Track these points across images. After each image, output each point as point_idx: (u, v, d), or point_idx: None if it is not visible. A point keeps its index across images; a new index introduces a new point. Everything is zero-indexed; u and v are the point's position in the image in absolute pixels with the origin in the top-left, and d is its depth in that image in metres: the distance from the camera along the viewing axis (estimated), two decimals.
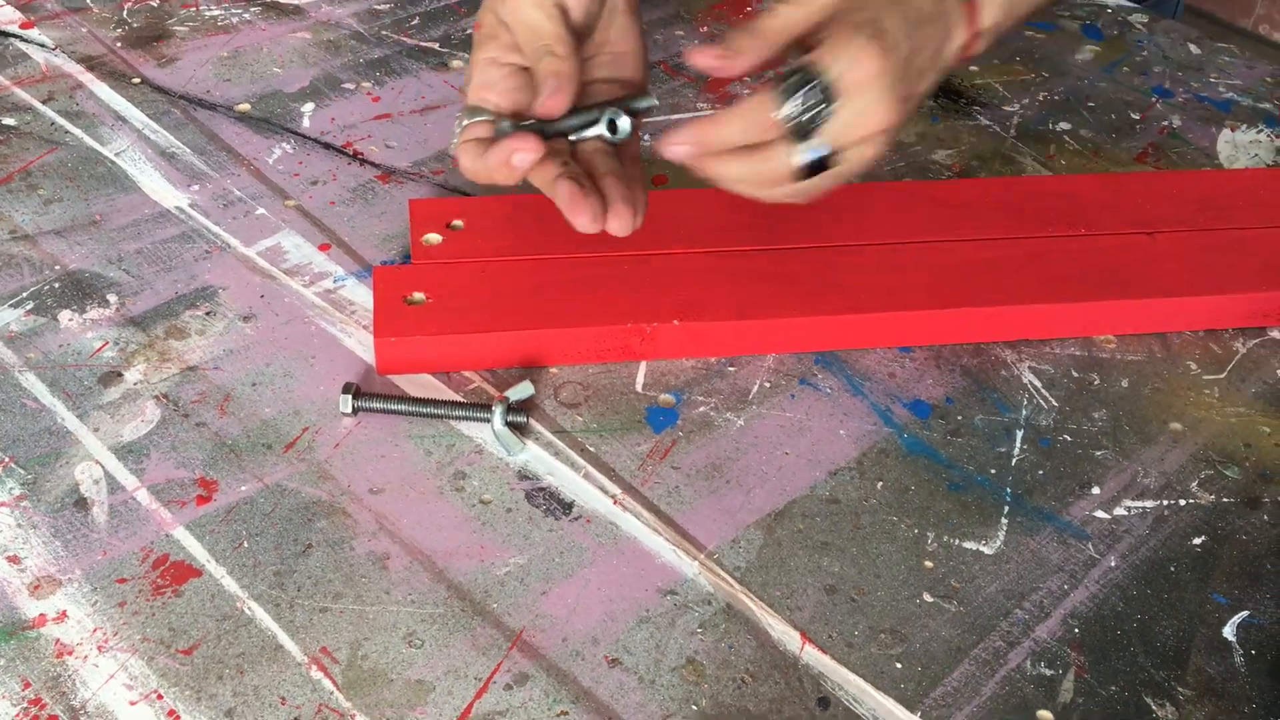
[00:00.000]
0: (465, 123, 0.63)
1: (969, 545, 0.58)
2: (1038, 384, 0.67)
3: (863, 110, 0.58)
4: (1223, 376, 0.69)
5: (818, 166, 0.59)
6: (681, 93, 0.88)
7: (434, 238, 0.69)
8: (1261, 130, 0.89)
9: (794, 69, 0.58)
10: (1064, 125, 0.88)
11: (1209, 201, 0.77)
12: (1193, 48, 0.98)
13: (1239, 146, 0.88)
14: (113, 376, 0.63)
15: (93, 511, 0.56)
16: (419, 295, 0.65)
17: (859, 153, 0.60)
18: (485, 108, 0.63)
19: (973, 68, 0.94)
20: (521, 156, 0.60)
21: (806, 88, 0.58)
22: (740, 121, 0.59)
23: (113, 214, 0.72)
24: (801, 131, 0.58)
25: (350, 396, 0.61)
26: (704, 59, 0.60)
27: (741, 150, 0.59)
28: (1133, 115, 0.90)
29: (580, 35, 0.65)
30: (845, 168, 0.60)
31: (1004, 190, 0.77)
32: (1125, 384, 0.68)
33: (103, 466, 0.58)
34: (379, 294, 0.65)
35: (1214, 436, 0.65)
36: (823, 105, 0.58)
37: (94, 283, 0.68)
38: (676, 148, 0.59)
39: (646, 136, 0.82)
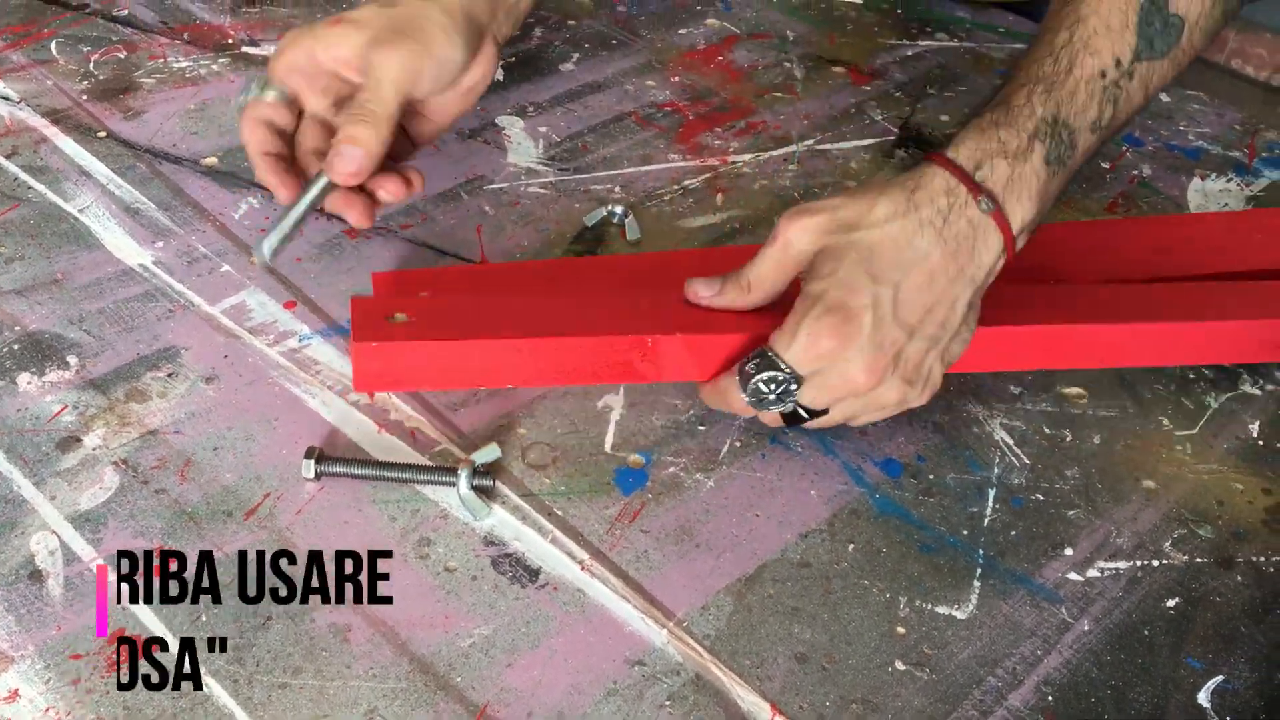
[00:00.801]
0: (257, 94, 0.70)
1: (941, 610, 0.58)
2: (1009, 441, 0.67)
3: (828, 384, 0.59)
4: (1195, 431, 0.68)
5: (806, 413, 0.61)
6: (653, 144, 0.87)
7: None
8: (1231, 179, 0.90)
9: (755, 353, 0.60)
10: None
11: (1176, 246, 0.77)
12: (1162, 96, 0.99)
13: (1209, 195, 0.88)
14: (71, 442, 0.61)
15: (48, 584, 0.55)
16: (401, 316, 0.63)
17: (845, 408, 0.61)
18: (283, 91, 0.70)
19: (943, 117, 0.94)
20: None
21: (770, 373, 0.59)
22: (716, 397, 0.63)
23: (75, 272, 0.71)
24: (770, 405, 0.60)
25: (313, 461, 0.60)
26: (692, 295, 0.64)
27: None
28: (1103, 165, 0.90)
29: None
30: (836, 417, 0.61)
31: None
32: (1097, 440, 0.67)
33: (59, 536, 0.57)
34: (357, 315, 0.63)
35: (1187, 494, 0.65)
36: (790, 383, 0.59)
37: (54, 344, 0.67)
38: None
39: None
